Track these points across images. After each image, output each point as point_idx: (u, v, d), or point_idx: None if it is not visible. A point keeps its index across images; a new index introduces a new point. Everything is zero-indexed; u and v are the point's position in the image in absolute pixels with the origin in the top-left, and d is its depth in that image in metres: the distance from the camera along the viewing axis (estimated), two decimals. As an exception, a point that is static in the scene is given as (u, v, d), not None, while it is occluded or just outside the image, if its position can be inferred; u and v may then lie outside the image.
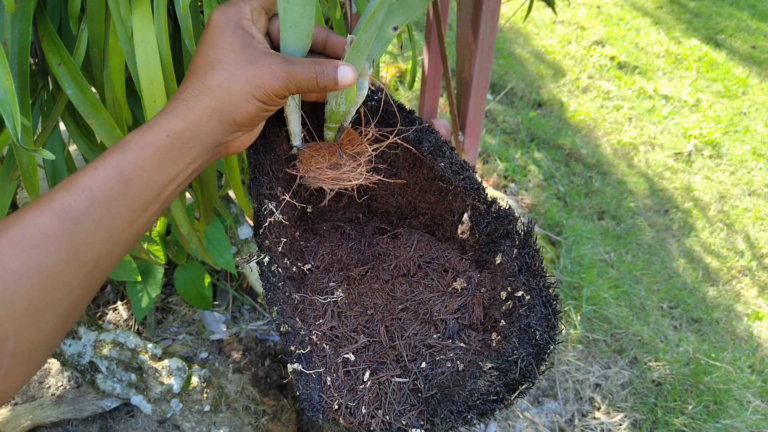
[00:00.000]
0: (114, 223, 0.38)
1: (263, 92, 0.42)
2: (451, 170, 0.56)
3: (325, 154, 0.54)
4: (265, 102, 0.43)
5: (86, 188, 0.37)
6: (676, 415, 1.29)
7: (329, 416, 0.46)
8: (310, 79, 0.44)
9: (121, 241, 0.39)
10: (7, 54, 0.52)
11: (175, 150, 0.40)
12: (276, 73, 0.42)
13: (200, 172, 0.44)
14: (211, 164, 0.69)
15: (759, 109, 2.63)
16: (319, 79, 0.44)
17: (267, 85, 0.42)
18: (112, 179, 0.38)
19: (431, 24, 1.30)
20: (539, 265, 0.49)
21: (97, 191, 0.37)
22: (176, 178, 0.41)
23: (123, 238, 0.39)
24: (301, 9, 0.44)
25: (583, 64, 2.73)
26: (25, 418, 1.05)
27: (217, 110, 0.41)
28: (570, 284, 1.59)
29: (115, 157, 0.38)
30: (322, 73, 0.44)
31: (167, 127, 0.40)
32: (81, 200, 0.36)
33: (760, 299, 1.69)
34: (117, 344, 1.02)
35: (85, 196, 0.37)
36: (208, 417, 1.00)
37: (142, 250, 0.95)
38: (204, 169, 0.45)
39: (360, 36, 0.45)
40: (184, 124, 0.40)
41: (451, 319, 0.52)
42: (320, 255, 0.59)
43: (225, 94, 0.41)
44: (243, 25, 0.44)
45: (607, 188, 2.01)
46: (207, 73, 0.42)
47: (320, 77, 0.44)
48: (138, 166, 0.39)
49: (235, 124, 0.42)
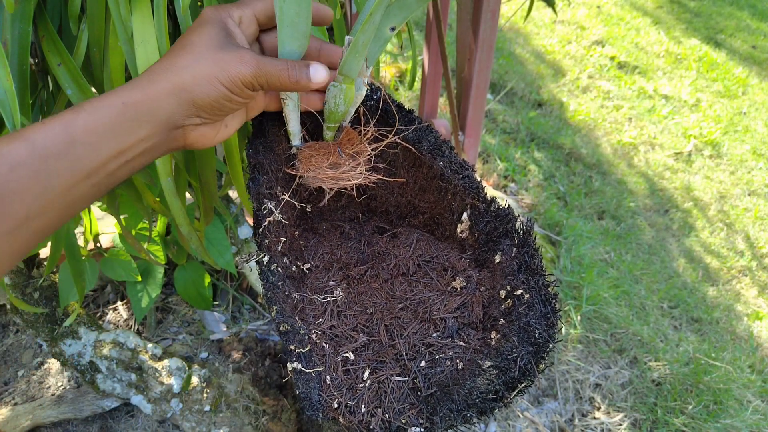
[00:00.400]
0: (51, 181, 0.36)
1: (229, 77, 0.41)
2: (451, 169, 0.56)
3: (324, 153, 0.54)
4: (229, 89, 0.42)
5: (30, 139, 0.36)
6: (676, 415, 1.29)
7: (329, 415, 0.46)
8: (281, 71, 0.43)
9: (55, 204, 0.37)
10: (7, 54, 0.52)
11: (128, 120, 0.39)
12: (246, 59, 0.42)
13: (153, 157, 0.42)
14: (211, 164, 0.69)
15: (759, 109, 2.63)
16: (291, 72, 0.44)
17: (234, 70, 0.41)
18: (58, 135, 0.36)
19: (431, 24, 1.30)
20: (538, 264, 0.49)
21: (39, 144, 0.36)
22: (125, 152, 0.39)
23: (58, 201, 0.37)
24: (298, 8, 0.44)
25: (583, 64, 2.73)
26: (25, 418, 1.05)
27: (177, 88, 0.40)
28: (570, 284, 1.59)
29: (67, 115, 0.37)
30: (294, 67, 0.44)
31: (125, 95, 0.39)
32: (21, 149, 0.35)
33: (760, 299, 1.69)
34: (117, 344, 1.02)
35: (26, 146, 0.36)
36: (208, 417, 1.00)
37: (142, 250, 0.95)
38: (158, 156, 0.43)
39: (358, 36, 0.45)
40: (142, 96, 0.39)
41: (450, 318, 0.52)
42: (320, 254, 0.59)
43: (189, 72, 0.40)
44: (228, 24, 0.44)
45: (607, 188, 2.01)
46: (178, 53, 0.41)
47: (291, 71, 0.44)
48: (87, 128, 0.37)
49: (194, 105, 0.41)
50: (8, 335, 1.25)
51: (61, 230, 0.68)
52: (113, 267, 1.04)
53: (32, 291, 0.96)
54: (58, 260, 0.73)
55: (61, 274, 0.95)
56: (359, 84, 0.51)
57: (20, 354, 1.22)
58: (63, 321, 0.99)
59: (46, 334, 0.98)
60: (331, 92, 0.50)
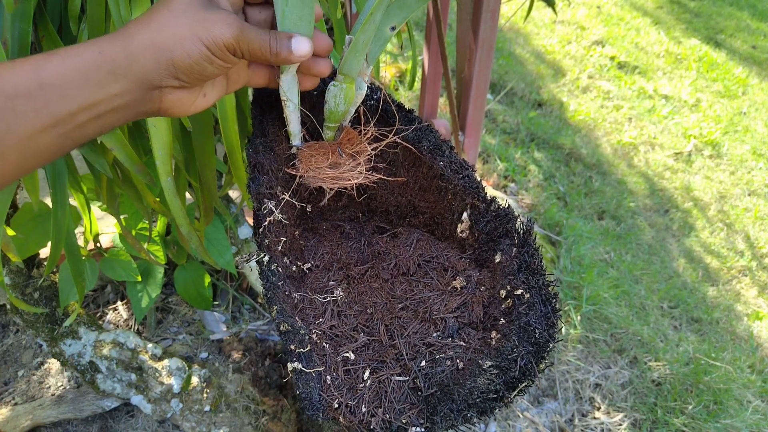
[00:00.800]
0: (15, 121, 0.34)
1: (211, 37, 0.39)
2: (451, 169, 0.56)
3: (324, 153, 0.54)
4: (211, 50, 0.40)
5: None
6: (676, 415, 1.29)
7: (329, 415, 0.46)
8: (263, 42, 0.42)
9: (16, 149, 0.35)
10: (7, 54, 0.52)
11: (104, 72, 0.37)
12: (229, 21, 0.40)
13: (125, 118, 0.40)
14: (211, 164, 0.69)
15: (759, 109, 2.63)
16: (272, 43, 0.42)
17: (217, 30, 0.39)
18: (27, 76, 0.35)
19: (431, 24, 1.30)
20: (538, 264, 0.49)
21: (6, 81, 0.34)
22: (97, 105, 0.37)
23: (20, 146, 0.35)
24: (300, 12, 0.44)
25: (583, 64, 2.73)
26: (25, 418, 1.05)
27: (156, 45, 0.38)
28: (570, 284, 1.59)
29: (39, 58, 0.35)
30: (276, 38, 0.43)
31: (102, 45, 0.37)
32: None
33: (760, 299, 1.69)
34: (117, 344, 1.02)
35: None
36: (208, 417, 1.00)
37: (142, 250, 0.95)
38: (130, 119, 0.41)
39: (358, 36, 0.45)
40: (119, 50, 0.37)
41: (450, 318, 0.52)
42: (320, 254, 0.59)
43: (169, 30, 0.39)
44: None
45: (607, 188, 2.01)
46: (159, 11, 0.39)
47: (273, 41, 0.42)
48: (59, 73, 0.35)
49: (173, 65, 0.39)
50: (8, 335, 1.25)
51: (62, 230, 0.68)
52: (113, 267, 1.04)
53: (32, 291, 0.96)
54: (58, 260, 0.73)
55: (61, 274, 0.95)
56: (359, 83, 0.51)
57: (20, 354, 1.22)
58: (63, 321, 0.99)
59: (46, 334, 0.98)
60: (332, 92, 0.50)
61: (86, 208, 0.84)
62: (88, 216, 0.89)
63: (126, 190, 0.76)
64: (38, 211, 0.88)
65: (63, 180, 0.66)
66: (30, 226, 0.88)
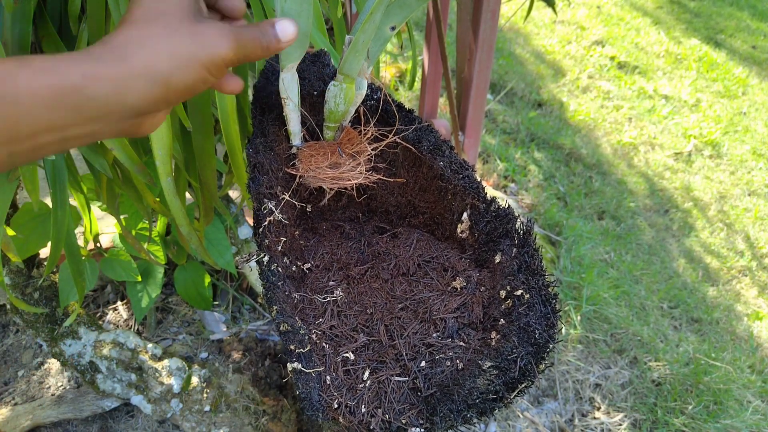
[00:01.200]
0: None
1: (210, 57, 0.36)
2: (451, 169, 0.56)
3: (324, 153, 0.54)
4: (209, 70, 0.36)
5: None
6: (676, 415, 1.29)
7: (329, 415, 0.46)
8: (254, 40, 0.39)
9: None
10: (7, 54, 0.52)
11: (83, 97, 0.31)
12: (225, 32, 0.37)
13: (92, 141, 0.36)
14: (211, 164, 0.69)
15: (759, 109, 2.63)
16: (262, 39, 0.40)
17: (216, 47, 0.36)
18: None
19: (431, 24, 1.30)
20: (538, 264, 0.49)
21: None
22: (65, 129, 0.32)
23: None
24: (299, 8, 0.44)
25: (583, 64, 2.73)
26: (25, 418, 1.05)
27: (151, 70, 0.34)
28: (570, 284, 1.59)
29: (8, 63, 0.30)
30: (261, 31, 0.40)
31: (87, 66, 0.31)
32: None
33: (760, 299, 1.69)
34: (117, 344, 1.02)
35: None
36: (208, 417, 1.00)
37: (142, 250, 0.95)
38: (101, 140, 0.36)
39: (358, 36, 0.45)
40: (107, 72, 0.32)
41: (450, 318, 0.52)
42: (320, 254, 0.59)
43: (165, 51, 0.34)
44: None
45: (607, 188, 2.01)
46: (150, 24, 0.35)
47: (262, 37, 0.40)
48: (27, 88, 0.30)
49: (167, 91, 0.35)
50: (8, 335, 1.25)
51: (62, 230, 0.68)
52: (113, 267, 1.04)
53: (32, 291, 0.96)
54: (58, 260, 0.73)
55: (61, 274, 0.95)
56: (360, 83, 0.51)
57: (20, 354, 1.22)
58: (63, 321, 0.99)
59: (46, 334, 0.98)
60: (332, 92, 0.50)
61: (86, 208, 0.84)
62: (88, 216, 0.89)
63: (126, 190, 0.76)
64: (38, 211, 0.88)
65: (63, 180, 0.66)
66: (30, 226, 0.88)
